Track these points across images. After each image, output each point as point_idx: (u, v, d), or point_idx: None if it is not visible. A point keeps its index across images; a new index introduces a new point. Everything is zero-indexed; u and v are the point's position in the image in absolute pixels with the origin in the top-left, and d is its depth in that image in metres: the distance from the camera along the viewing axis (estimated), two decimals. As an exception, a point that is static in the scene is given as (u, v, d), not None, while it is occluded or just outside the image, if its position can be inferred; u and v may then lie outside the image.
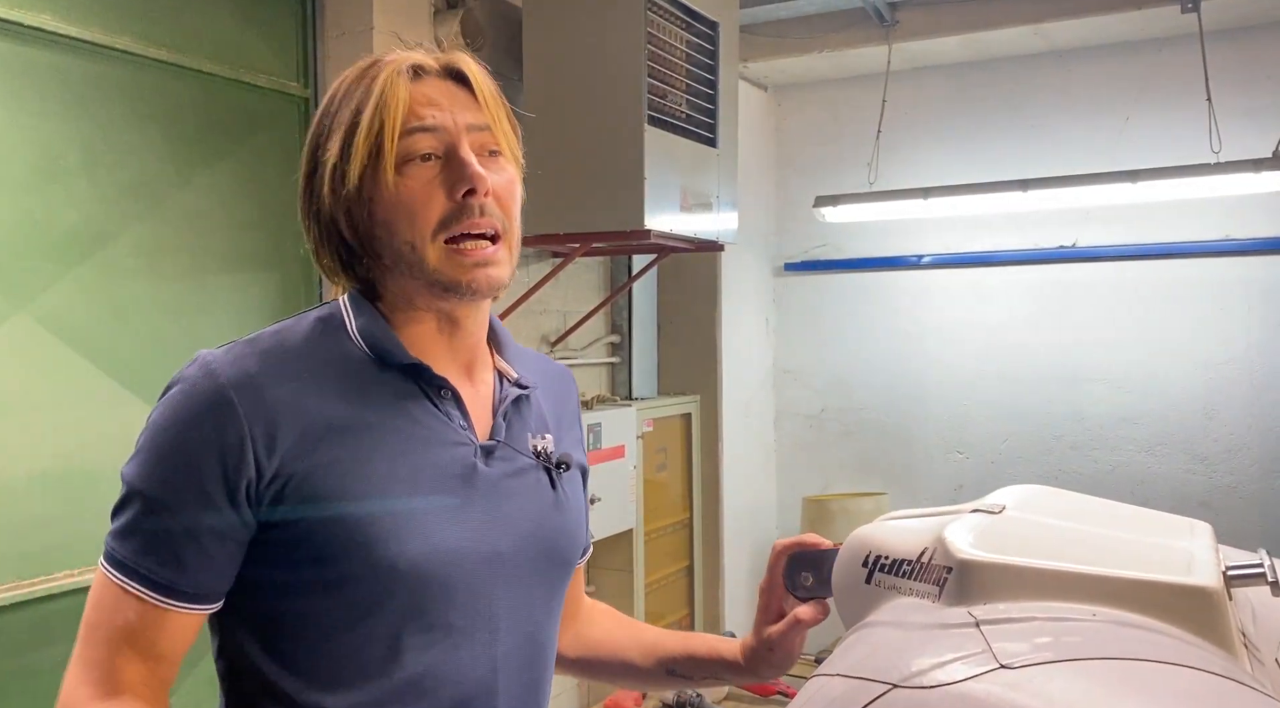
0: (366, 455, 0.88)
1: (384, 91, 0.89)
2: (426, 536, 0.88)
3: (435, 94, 0.91)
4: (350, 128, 0.90)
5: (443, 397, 0.94)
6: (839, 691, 0.68)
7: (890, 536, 0.89)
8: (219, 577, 0.88)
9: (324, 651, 0.88)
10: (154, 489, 0.86)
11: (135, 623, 0.86)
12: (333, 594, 0.87)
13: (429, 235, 0.89)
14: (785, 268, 3.99)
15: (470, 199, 0.89)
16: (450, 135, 0.90)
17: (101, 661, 0.86)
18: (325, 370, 0.90)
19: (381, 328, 0.93)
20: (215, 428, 0.85)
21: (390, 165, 0.89)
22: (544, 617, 1.00)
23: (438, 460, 0.91)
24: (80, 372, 1.91)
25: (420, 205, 0.89)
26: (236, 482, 0.85)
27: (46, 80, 1.85)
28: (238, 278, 2.22)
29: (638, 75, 2.41)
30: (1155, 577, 0.69)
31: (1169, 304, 3.37)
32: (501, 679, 0.94)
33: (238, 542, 0.87)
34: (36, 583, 1.83)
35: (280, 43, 2.30)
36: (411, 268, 0.91)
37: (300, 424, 0.86)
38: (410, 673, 0.89)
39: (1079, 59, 3.45)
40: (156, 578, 0.85)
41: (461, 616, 0.91)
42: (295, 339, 0.92)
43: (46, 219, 1.86)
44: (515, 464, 0.97)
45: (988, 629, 0.67)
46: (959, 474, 3.71)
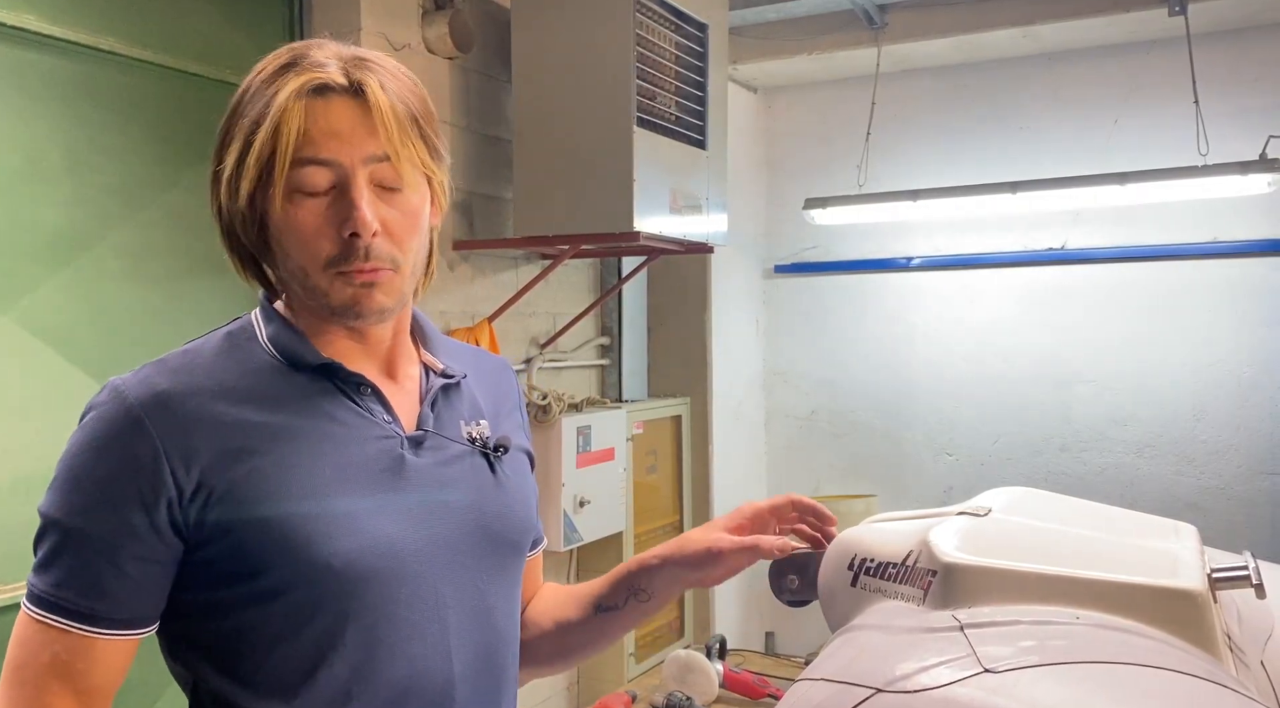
0: (288, 460, 0.87)
1: (280, 115, 0.86)
2: (358, 532, 0.88)
3: (337, 120, 0.87)
4: (245, 143, 0.88)
5: (362, 393, 0.93)
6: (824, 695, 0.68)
7: (876, 538, 0.89)
8: (145, 601, 0.86)
9: (273, 661, 0.87)
10: (70, 518, 0.85)
11: (63, 656, 0.84)
12: (272, 604, 0.86)
13: (319, 267, 0.89)
14: (775, 270, 4.00)
15: (355, 241, 0.88)
16: (345, 170, 0.88)
17: (29, 700, 0.84)
18: (237, 381, 0.90)
19: (290, 334, 0.93)
20: (127, 449, 0.84)
21: (279, 193, 0.88)
22: (498, 601, 0.98)
23: (362, 456, 0.91)
24: (64, 375, 1.90)
25: (309, 239, 0.88)
26: (154, 501, 0.84)
27: (30, 81, 1.84)
28: (223, 281, 2.20)
29: (627, 77, 2.41)
30: (1139, 580, 0.69)
31: (1157, 306, 3.38)
32: (457, 667, 0.93)
33: (161, 564, 0.86)
34: (18, 588, 1.82)
35: (267, 44, 2.27)
36: (304, 289, 0.91)
37: (217, 437, 0.86)
38: (362, 671, 0.88)
39: (1068, 61, 3.46)
40: (79, 609, 0.84)
41: (406, 608, 0.90)
42: (205, 355, 0.92)
43: (30, 221, 1.85)
44: (448, 452, 0.97)
45: (972, 633, 0.67)
46: (949, 476, 3.72)
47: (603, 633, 1.12)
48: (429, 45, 2.48)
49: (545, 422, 2.66)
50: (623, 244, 2.59)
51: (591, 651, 1.14)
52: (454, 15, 2.47)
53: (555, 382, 3.01)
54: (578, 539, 2.74)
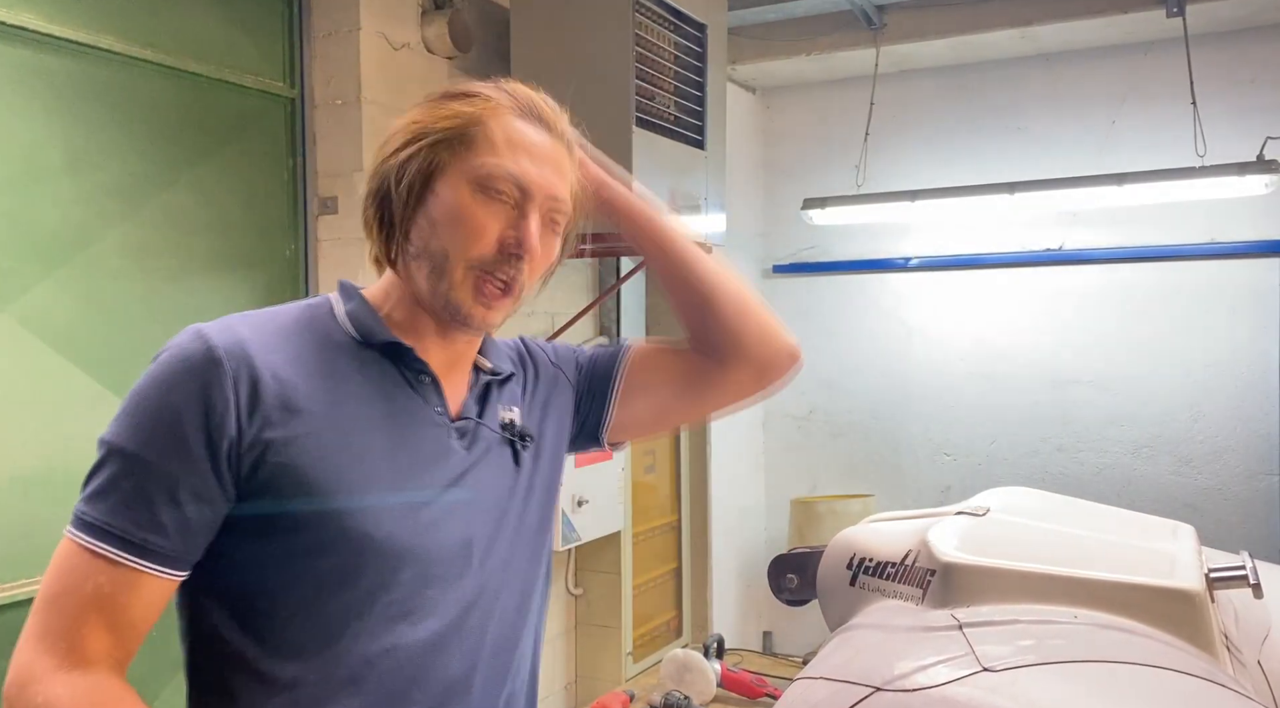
0: (344, 430, 0.90)
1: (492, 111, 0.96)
2: (400, 509, 0.91)
3: (539, 150, 0.98)
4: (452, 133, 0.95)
5: (421, 380, 0.97)
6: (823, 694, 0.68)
7: (875, 538, 0.89)
8: (193, 541, 0.87)
9: (297, 623, 0.89)
10: (136, 447, 0.85)
11: (106, 588, 0.84)
12: (307, 565, 0.88)
13: (463, 260, 0.94)
14: (773, 270, 4.00)
15: (514, 257, 0.95)
16: (531, 196, 0.96)
17: (66, 631, 0.83)
18: (310, 347, 0.93)
19: (367, 311, 0.97)
20: (203, 389, 0.86)
21: (467, 182, 0.94)
22: (521, 585, 1.02)
23: (412, 438, 0.94)
24: (63, 373, 1.90)
25: (474, 234, 0.94)
26: (219, 442, 0.85)
27: (30, 80, 1.84)
28: (223, 279, 2.20)
29: (625, 77, 2.41)
30: (1138, 579, 0.69)
31: (1155, 307, 3.38)
32: (478, 648, 0.96)
33: (213, 507, 0.87)
34: (17, 586, 1.82)
35: (266, 43, 2.29)
36: (434, 273, 0.95)
37: (282, 394, 0.88)
38: (381, 645, 0.90)
39: (1066, 62, 3.46)
40: (132, 538, 0.84)
41: (435, 587, 0.93)
42: (285, 317, 0.96)
43: (29, 219, 1.85)
44: (485, 442, 1.01)
45: (970, 632, 0.67)
46: (946, 476, 3.72)
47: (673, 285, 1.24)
48: (428, 45, 2.48)
49: (544, 421, 2.66)
50: (622, 244, 2.59)
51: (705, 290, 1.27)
52: (453, 15, 2.47)
53: (553, 381, 3.00)
54: (576, 539, 2.74)
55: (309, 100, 2.36)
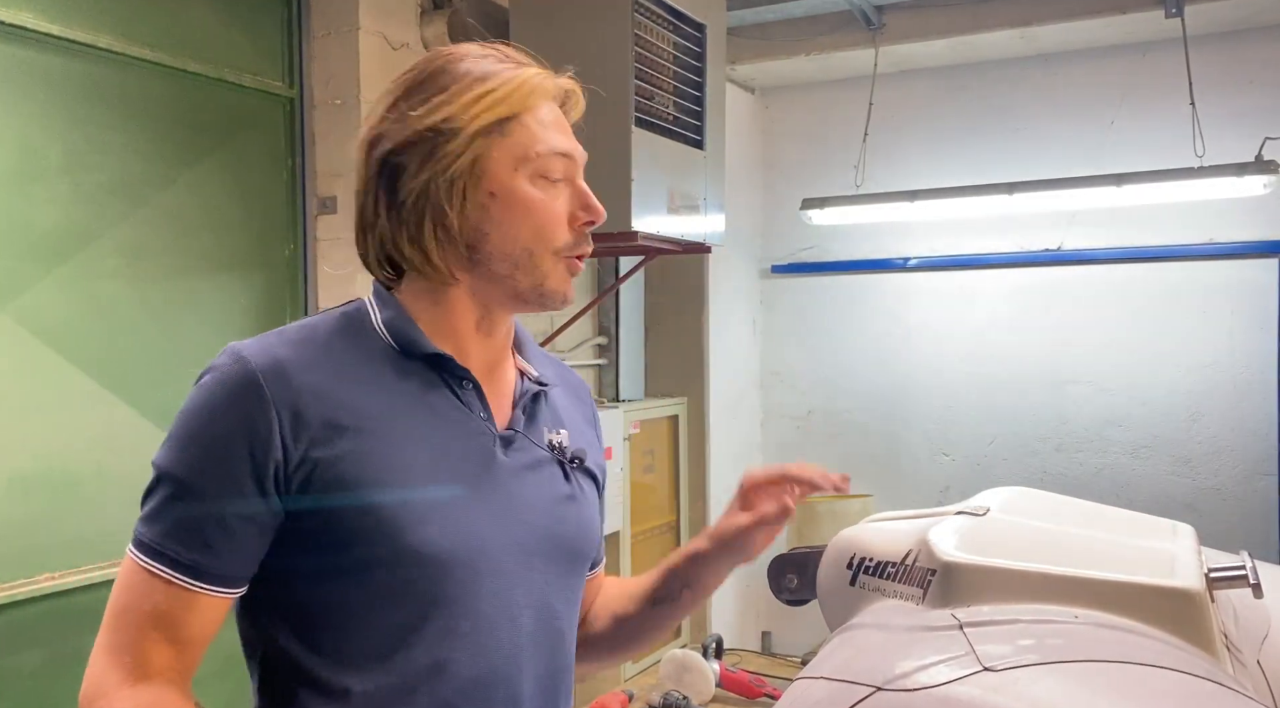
0: (389, 443, 0.90)
1: (528, 96, 0.94)
2: (448, 522, 0.90)
3: (564, 122, 0.99)
4: (476, 107, 0.92)
5: (464, 388, 0.96)
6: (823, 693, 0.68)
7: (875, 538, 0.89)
8: (245, 561, 0.89)
9: (350, 635, 0.90)
10: (184, 473, 0.87)
11: (163, 606, 0.87)
12: (358, 579, 0.89)
13: (548, 251, 0.94)
14: (772, 270, 4.00)
15: (586, 230, 0.97)
16: (575, 166, 0.97)
17: (130, 645, 0.87)
18: (351, 360, 0.92)
19: (406, 320, 0.96)
20: (245, 413, 0.87)
21: (525, 176, 0.93)
22: (562, 606, 1.02)
23: (459, 449, 0.94)
24: (61, 373, 1.89)
25: (551, 224, 0.95)
26: (264, 466, 0.86)
27: (28, 79, 1.84)
28: (221, 279, 2.20)
29: (625, 77, 2.40)
30: (1137, 579, 0.69)
31: (1154, 307, 3.39)
32: (526, 667, 0.96)
33: (263, 527, 0.88)
34: (16, 586, 1.82)
35: (265, 42, 2.29)
36: (518, 271, 0.94)
37: (326, 411, 0.88)
38: (435, 658, 0.90)
39: (1065, 63, 3.47)
40: (184, 560, 0.87)
41: (486, 603, 0.92)
42: (322, 331, 0.94)
43: (27, 219, 1.85)
44: (531, 455, 1.00)
45: (971, 632, 0.67)
46: (945, 476, 3.72)
47: (656, 625, 1.16)
48: (427, 45, 2.48)
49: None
50: (620, 244, 2.59)
51: (646, 641, 1.19)
52: (452, 15, 2.47)
53: (552, 381, 3.00)
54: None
55: (308, 100, 2.35)
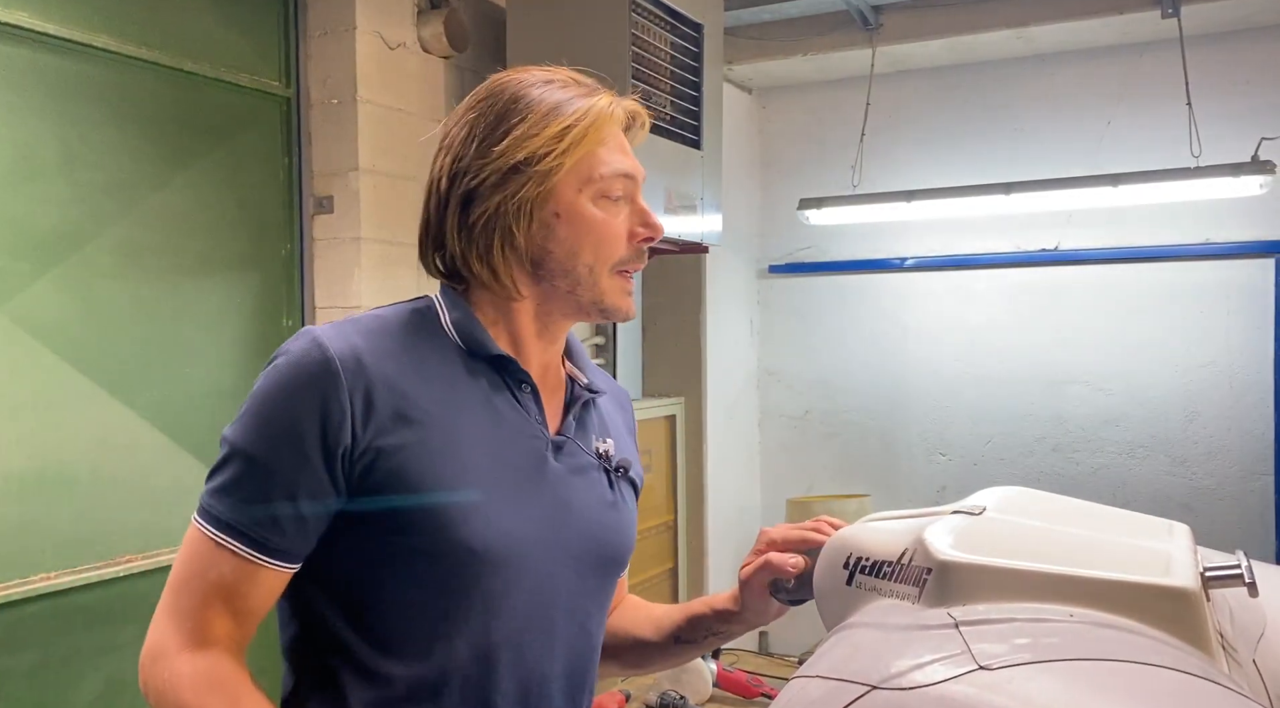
0: (449, 438, 0.93)
1: (602, 127, 0.98)
2: (496, 520, 0.93)
3: (625, 142, 1.03)
4: (571, 141, 0.96)
5: (523, 390, 1.00)
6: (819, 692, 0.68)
7: (871, 537, 0.89)
8: (307, 538, 0.92)
9: (393, 621, 0.93)
10: (257, 450, 0.90)
11: (229, 577, 0.90)
12: (405, 568, 0.92)
13: (607, 267, 0.99)
14: (769, 270, 4.00)
15: (645, 246, 1.01)
16: (635, 185, 1.02)
17: (193, 612, 0.90)
18: (420, 355, 0.96)
19: (474, 322, 1.00)
20: (320, 395, 0.89)
21: (588, 195, 0.98)
22: (595, 609, 1.05)
23: (513, 450, 0.97)
24: (57, 373, 1.89)
25: (611, 241, 0.99)
26: (334, 449, 0.89)
27: (24, 78, 1.84)
28: (217, 278, 2.20)
29: (622, 77, 2.40)
30: (1133, 578, 0.69)
31: (1150, 307, 3.39)
32: (557, 667, 0.99)
33: (326, 507, 0.91)
34: (11, 586, 1.81)
35: (262, 41, 2.29)
36: (579, 286, 0.99)
37: (394, 401, 0.91)
38: (474, 652, 0.93)
39: (1061, 63, 3.47)
40: (253, 534, 0.90)
41: (525, 601, 0.95)
42: (394, 324, 0.98)
43: (23, 219, 1.84)
44: (579, 461, 1.03)
45: (967, 630, 0.67)
46: (942, 476, 3.73)
47: (677, 658, 1.24)
48: (424, 44, 2.48)
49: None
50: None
51: (664, 667, 1.29)
52: (449, 14, 2.47)
53: (549, 381, 3.00)
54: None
55: (304, 99, 2.35)
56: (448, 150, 0.99)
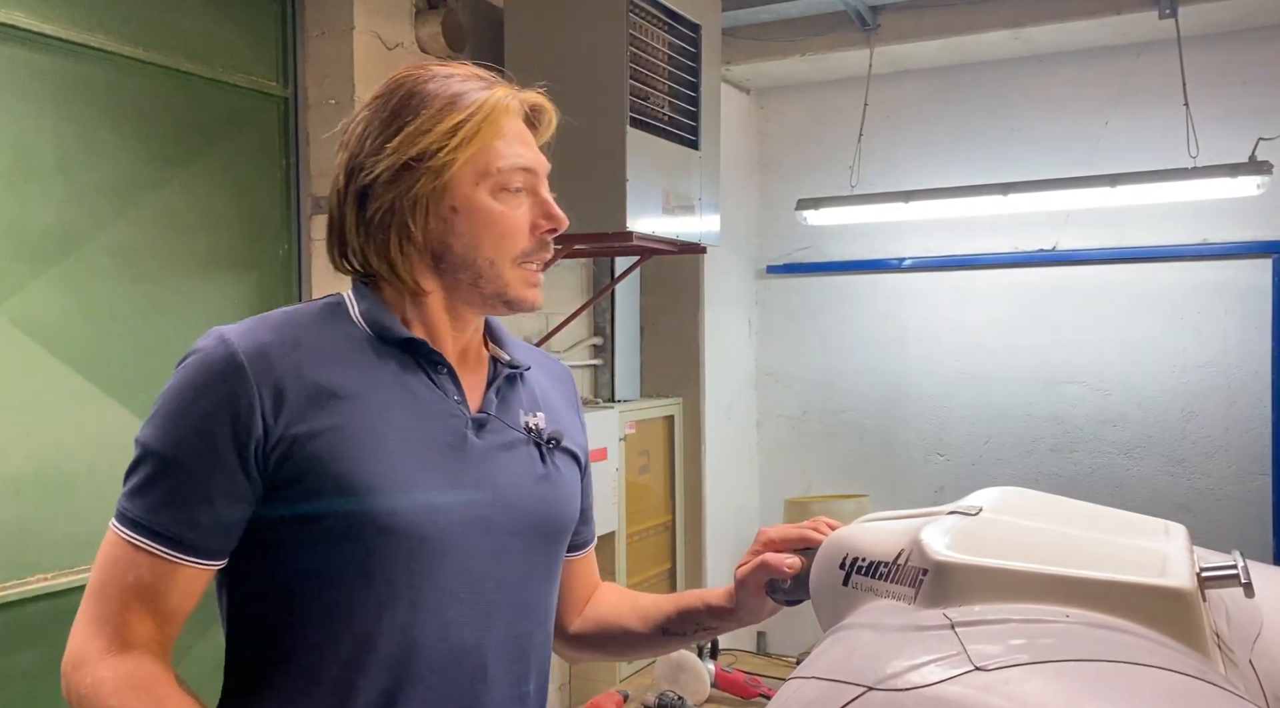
0: (365, 421, 0.93)
1: (498, 120, 0.98)
2: (416, 500, 0.93)
3: (524, 132, 1.02)
4: (463, 136, 0.96)
5: (439, 372, 1.00)
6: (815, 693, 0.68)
7: (867, 538, 0.89)
8: (226, 534, 0.92)
9: (321, 607, 0.93)
10: (169, 449, 0.91)
11: (147, 578, 0.90)
12: (328, 553, 0.92)
13: (509, 260, 0.99)
14: (767, 270, 4.00)
15: (548, 237, 1.02)
16: (536, 177, 1.02)
17: (113, 616, 0.90)
18: (329, 345, 0.97)
19: (382, 310, 1.00)
20: (228, 392, 0.90)
21: (486, 189, 0.98)
22: (536, 584, 1.04)
23: (432, 429, 0.97)
24: (55, 373, 1.89)
25: (511, 234, 0.99)
26: (246, 443, 0.90)
27: (21, 78, 1.83)
28: (215, 278, 2.20)
29: (620, 77, 2.41)
30: (1129, 578, 0.69)
31: (1148, 307, 3.39)
32: (492, 643, 0.98)
33: (244, 501, 0.91)
34: (9, 587, 1.81)
35: (260, 42, 2.29)
36: (481, 279, 1.00)
37: (305, 391, 0.92)
38: (401, 631, 0.93)
39: (1059, 63, 3.47)
40: (169, 533, 0.90)
41: (453, 578, 0.95)
42: (304, 317, 0.99)
43: (21, 219, 1.84)
44: (505, 437, 1.03)
45: (962, 631, 0.67)
46: (940, 476, 3.73)
47: (663, 648, 1.24)
48: (422, 45, 2.48)
49: (537, 422, 2.65)
50: (616, 244, 2.59)
51: (648, 656, 1.30)
52: (447, 15, 2.46)
53: (547, 382, 3.00)
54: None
55: (302, 100, 2.35)
56: (345, 147, 1.01)
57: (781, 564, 1.05)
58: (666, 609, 1.18)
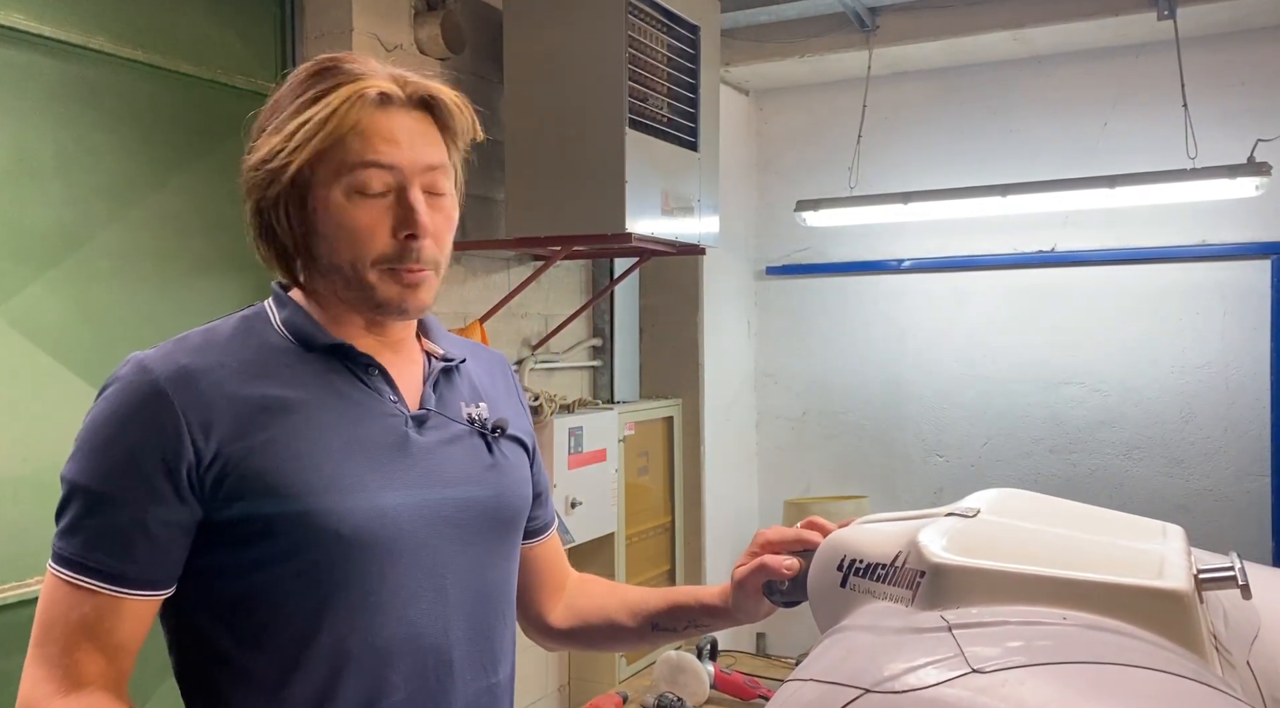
0: (300, 432, 0.92)
1: (343, 117, 0.91)
2: (364, 503, 0.92)
3: (397, 128, 0.94)
4: (298, 138, 0.92)
5: (370, 373, 0.99)
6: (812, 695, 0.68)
7: (865, 539, 0.89)
8: (168, 562, 0.90)
9: (279, 621, 0.91)
10: (97, 484, 0.89)
11: (91, 616, 0.88)
12: (282, 567, 0.90)
13: (368, 264, 0.94)
14: (766, 271, 4.00)
15: (411, 242, 0.94)
16: (404, 176, 0.94)
17: (59, 657, 0.88)
18: (253, 359, 0.95)
19: (303, 317, 0.98)
20: (152, 419, 0.89)
21: (339, 191, 0.93)
22: (495, 575, 1.04)
23: (370, 431, 0.96)
24: (53, 375, 1.89)
25: (365, 236, 0.94)
26: (178, 468, 0.88)
27: (20, 80, 1.83)
28: (212, 280, 2.20)
29: (619, 78, 2.41)
30: (1126, 580, 0.69)
31: (1146, 308, 3.39)
32: (454, 634, 0.98)
33: (183, 528, 0.90)
34: (6, 589, 1.81)
35: (258, 44, 2.29)
36: (348, 283, 0.96)
37: (233, 409, 0.90)
38: (362, 633, 0.92)
39: (1058, 65, 3.48)
40: (107, 568, 0.88)
41: (408, 576, 0.94)
42: (222, 334, 0.97)
43: (19, 220, 1.84)
44: (448, 431, 1.02)
45: (960, 633, 0.67)
46: (939, 477, 3.73)
47: (651, 643, 1.22)
48: (421, 46, 2.48)
49: (537, 423, 2.66)
50: (615, 245, 2.60)
51: (635, 649, 1.28)
52: (446, 16, 2.47)
53: (547, 383, 3.00)
54: (569, 540, 2.74)
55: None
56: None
57: (780, 566, 1.05)
58: (656, 604, 1.17)
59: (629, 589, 1.24)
